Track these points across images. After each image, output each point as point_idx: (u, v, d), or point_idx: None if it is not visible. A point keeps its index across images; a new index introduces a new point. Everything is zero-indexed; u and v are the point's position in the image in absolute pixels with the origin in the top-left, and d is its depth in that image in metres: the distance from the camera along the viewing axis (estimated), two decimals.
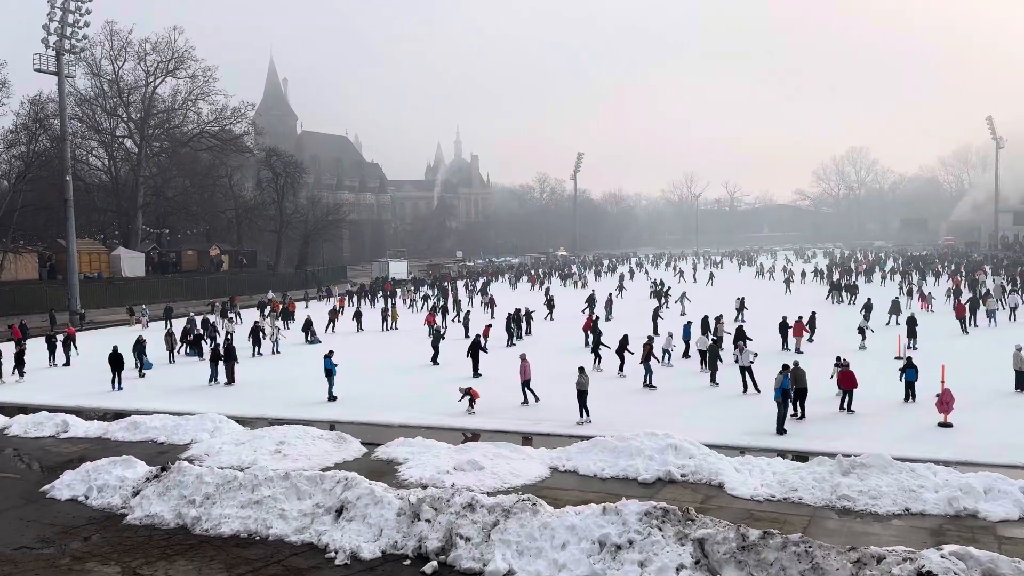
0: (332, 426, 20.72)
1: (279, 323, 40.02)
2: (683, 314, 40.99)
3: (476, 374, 27.11)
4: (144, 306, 48.60)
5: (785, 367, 19.76)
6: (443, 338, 32.60)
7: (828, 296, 50.96)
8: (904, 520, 13.36)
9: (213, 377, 28.32)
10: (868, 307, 37.15)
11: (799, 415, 20.29)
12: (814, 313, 35.12)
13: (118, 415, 23.02)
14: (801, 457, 16.72)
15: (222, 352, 28.58)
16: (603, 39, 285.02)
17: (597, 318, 34.33)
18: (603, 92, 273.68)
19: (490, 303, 47.50)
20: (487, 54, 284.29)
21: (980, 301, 39.35)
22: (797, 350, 29.99)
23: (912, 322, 31.96)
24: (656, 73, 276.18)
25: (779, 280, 62.59)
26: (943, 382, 19.85)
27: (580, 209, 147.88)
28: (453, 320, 42.88)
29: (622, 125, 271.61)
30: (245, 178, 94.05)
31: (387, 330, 42.26)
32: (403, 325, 42.96)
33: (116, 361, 27.77)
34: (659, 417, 20.32)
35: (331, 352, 25.17)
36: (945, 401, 19.24)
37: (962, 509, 13.45)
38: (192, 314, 42.61)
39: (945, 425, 19.16)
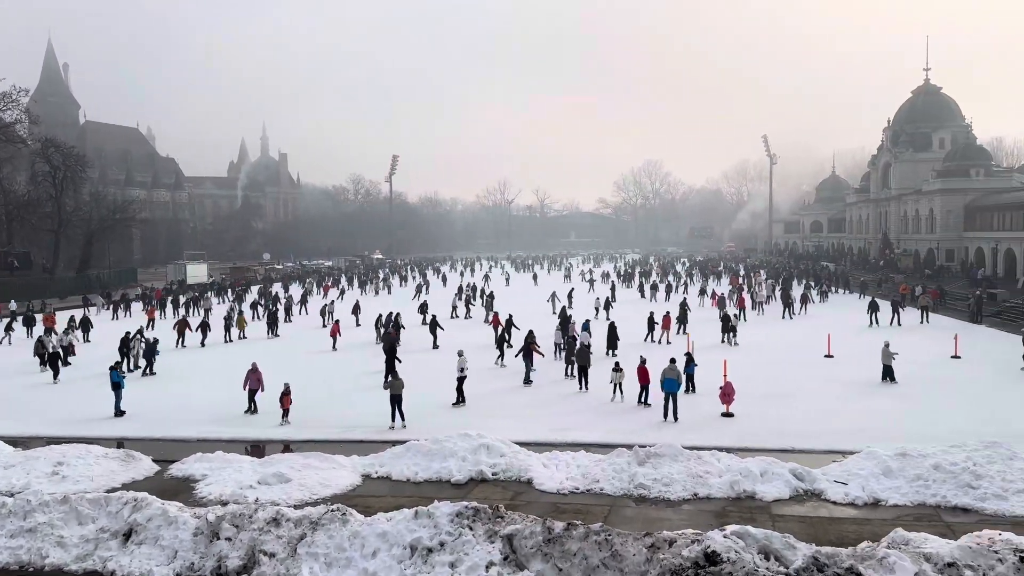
0: (120, 444, 19.04)
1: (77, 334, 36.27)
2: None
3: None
4: None
5: (672, 360, 21.46)
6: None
7: (649, 296, 56.00)
8: (693, 504, 14.46)
9: None
10: (684, 306, 40.47)
11: (585, 388, 24.41)
12: (683, 309, 39.16)
13: None
14: (593, 448, 17.55)
15: None
16: (417, 42, 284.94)
17: (510, 316, 34.25)
18: (418, 96, 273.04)
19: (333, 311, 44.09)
20: (295, 51, 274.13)
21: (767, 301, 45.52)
22: (666, 342, 33.51)
23: (726, 319, 35.45)
24: (471, 80, 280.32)
25: (585, 281, 67.52)
26: (725, 375, 21.76)
27: (397, 212, 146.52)
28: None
29: (438, 130, 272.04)
30: (17, 171, 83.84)
31: (229, 341, 37.43)
32: (250, 333, 39.35)
33: None
34: (478, 418, 20.61)
35: (117, 363, 23.47)
36: (727, 392, 21.16)
37: (742, 491, 14.77)
38: None
39: (727, 415, 21.03)
